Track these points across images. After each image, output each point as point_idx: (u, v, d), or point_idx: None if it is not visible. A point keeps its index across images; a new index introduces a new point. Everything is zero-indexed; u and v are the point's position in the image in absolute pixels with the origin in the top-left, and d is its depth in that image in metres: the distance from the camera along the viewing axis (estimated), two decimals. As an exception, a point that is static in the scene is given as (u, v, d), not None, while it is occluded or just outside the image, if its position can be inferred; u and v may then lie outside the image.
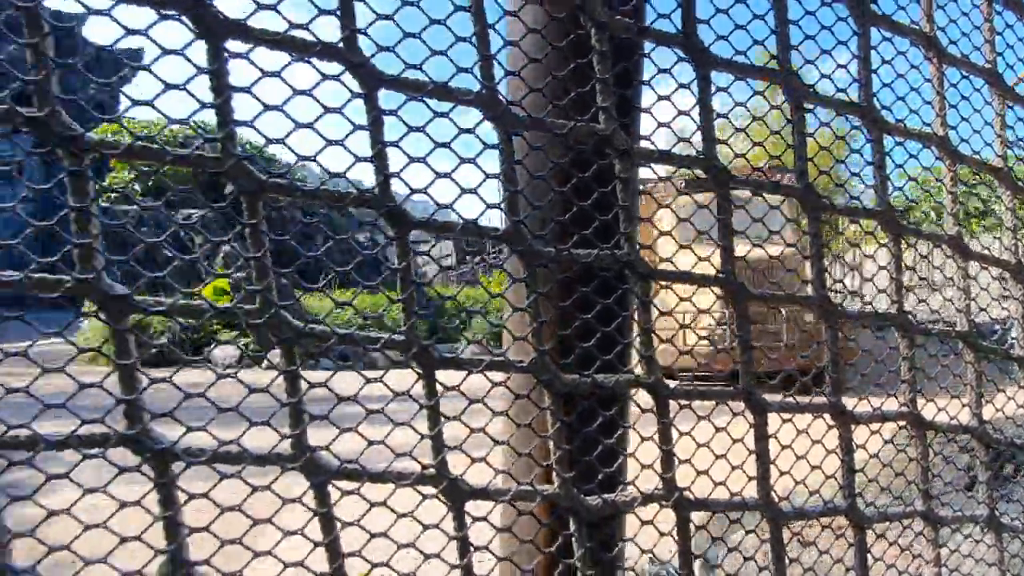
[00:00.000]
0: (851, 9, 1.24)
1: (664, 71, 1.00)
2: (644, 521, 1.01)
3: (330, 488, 0.83)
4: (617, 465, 1.06)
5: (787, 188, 1.12)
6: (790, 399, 1.14)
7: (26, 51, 0.69)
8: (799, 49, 1.15)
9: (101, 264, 0.73)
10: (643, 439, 1.00)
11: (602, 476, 0.98)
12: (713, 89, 1.02)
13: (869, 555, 1.24)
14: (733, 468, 1.08)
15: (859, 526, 1.23)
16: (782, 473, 1.15)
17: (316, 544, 0.82)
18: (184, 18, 0.76)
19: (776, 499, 1.13)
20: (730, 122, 1.10)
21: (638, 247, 0.97)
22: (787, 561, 1.15)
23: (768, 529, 1.13)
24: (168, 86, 0.75)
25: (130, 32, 0.73)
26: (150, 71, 0.77)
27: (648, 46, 1.02)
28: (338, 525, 0.84)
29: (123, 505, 0.75)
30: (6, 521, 0.70)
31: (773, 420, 1.11)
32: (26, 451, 0.72)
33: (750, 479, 1.10)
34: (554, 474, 0.95)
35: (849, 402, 1.20)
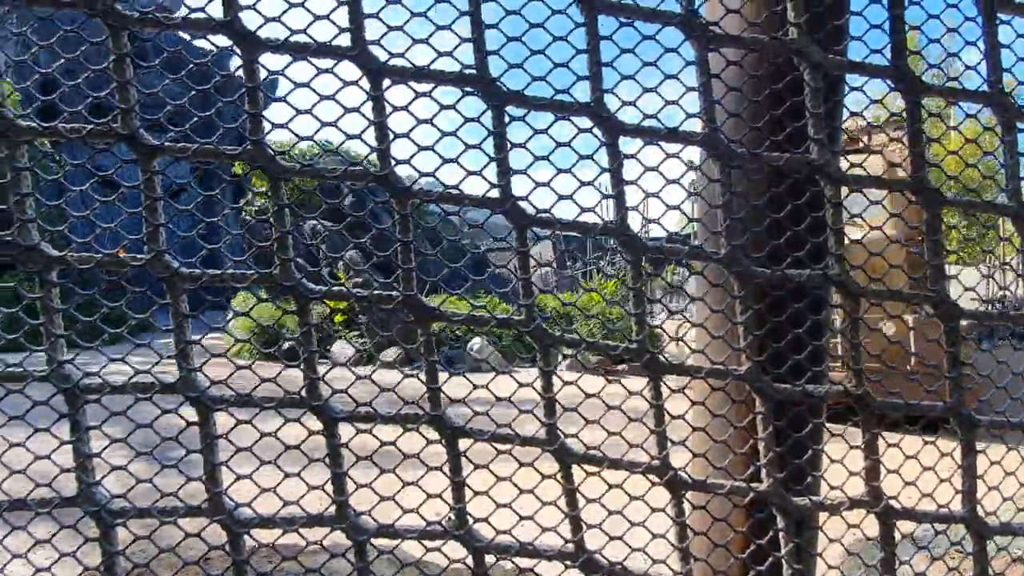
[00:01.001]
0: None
1: (875, 102, 1.07)
2: (851, 524, 1.08)
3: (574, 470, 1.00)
4: (820, 469, 1.14)
5: (1002, 207, 1.13)
6: (1000, 417, 1.15)
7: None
8: (1011, 71, 1.16)
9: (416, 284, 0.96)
10: (851, 447, 1.07)
11: (810, 479, 1.07)
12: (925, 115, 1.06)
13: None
14: (941, 481, 1.11)
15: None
16: (989, 488, 1.16)
17: (565, 515, 1.00)
18: (474, 89, 0.97)
19: (983, 514, 1.14)
20: (943, 146, 1.13)
21: (848, 267, 1.04)
22: (991, 575, 1.15)
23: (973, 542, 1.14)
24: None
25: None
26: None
27: (857, 79, 1.09)
28: (581, 501, 1.01)
29: (429, 469, 0.97)
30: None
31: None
32: (364, 423, 0.96)
33: (956, 492, 1.12)
34: (763, 473, 1.05)
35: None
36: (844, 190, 1.07)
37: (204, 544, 0.93)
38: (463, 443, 0.99)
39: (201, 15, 0.96)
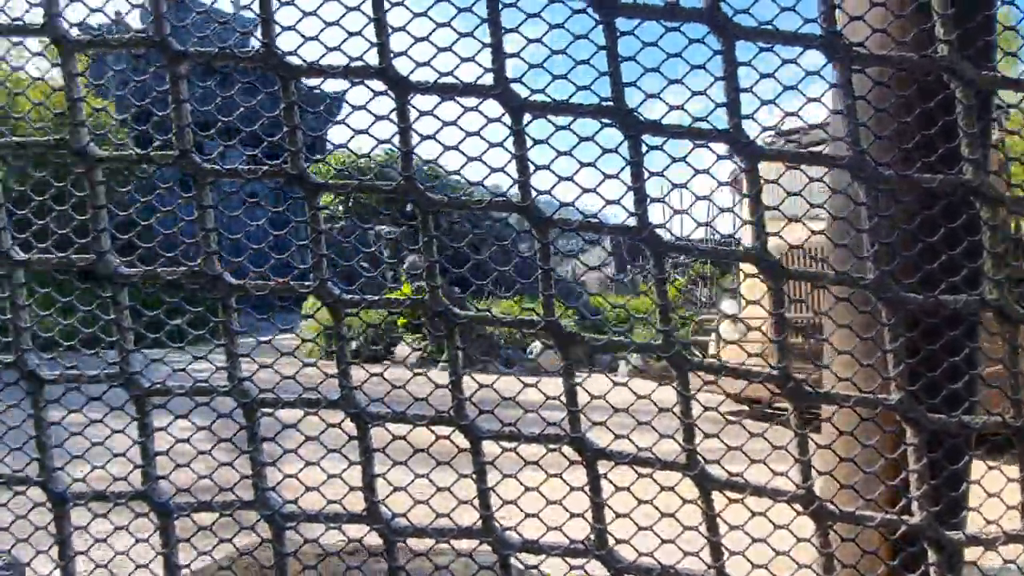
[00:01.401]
0: None
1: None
2: (1007, 561, 1.01)
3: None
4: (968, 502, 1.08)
5: None
6: None
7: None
8: None
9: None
10: (1008, 480, 1.01)
11: (964, 512, 1.02)
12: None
13: None
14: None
15: None
16: None
17: (707, 540, 1.00)
18: (611, 121, 1.00)
19: None
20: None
21: (1008, 292, 0.99)
22: None
23: None
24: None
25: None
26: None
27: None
28: (723, 527, 1.01)
29: (572, 489, 1.00)
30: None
31: None
32: (509, 442, 1.01)
33: None
34: (915, 505, 1.01)
35: None
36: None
37: (364, 549, 1.01)
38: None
39: (359, 63, 1.05)
